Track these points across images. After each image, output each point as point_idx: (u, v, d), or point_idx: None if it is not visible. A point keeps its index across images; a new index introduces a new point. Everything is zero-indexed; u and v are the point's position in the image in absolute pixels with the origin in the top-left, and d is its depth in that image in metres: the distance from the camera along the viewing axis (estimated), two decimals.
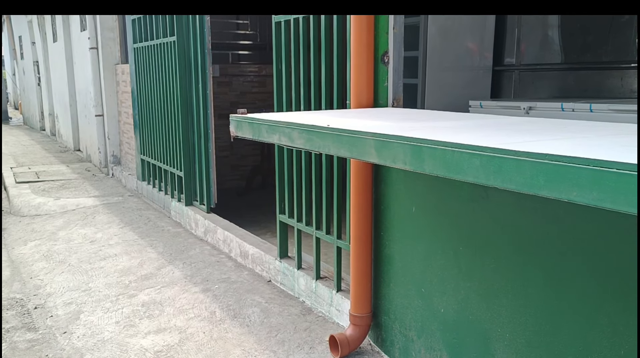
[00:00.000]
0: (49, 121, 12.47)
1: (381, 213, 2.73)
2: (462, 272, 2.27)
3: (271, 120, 1.88)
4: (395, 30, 2.55)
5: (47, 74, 11.82)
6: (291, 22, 3.28)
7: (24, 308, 3.49)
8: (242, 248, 4.18)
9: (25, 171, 8.07)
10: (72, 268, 4.18)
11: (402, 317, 2.67)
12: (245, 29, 7.81)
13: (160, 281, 3.87)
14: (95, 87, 7.66)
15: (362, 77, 2.64)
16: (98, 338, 3.06)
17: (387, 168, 2.65)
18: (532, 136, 1.35)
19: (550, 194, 1.01)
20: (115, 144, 7.70)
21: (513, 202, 2.01)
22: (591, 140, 1.27)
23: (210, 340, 3.02)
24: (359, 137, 1.49)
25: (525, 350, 2.01)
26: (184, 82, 5.00)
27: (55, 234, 5.08)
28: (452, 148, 1.20)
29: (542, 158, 1.02)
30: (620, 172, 0.90)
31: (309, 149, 1.73)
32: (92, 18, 7.40)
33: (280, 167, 3.59)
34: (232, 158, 6.84)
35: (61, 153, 10.11)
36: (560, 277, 1.86)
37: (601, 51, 3.25)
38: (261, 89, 6.87)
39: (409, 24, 2.85)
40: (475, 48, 3.48)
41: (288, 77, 3.42)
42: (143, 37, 5.79)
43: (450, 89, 3.33)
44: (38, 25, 11.73)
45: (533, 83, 3.62)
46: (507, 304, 2.07)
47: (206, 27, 4.56)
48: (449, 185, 2.29)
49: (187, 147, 5.12)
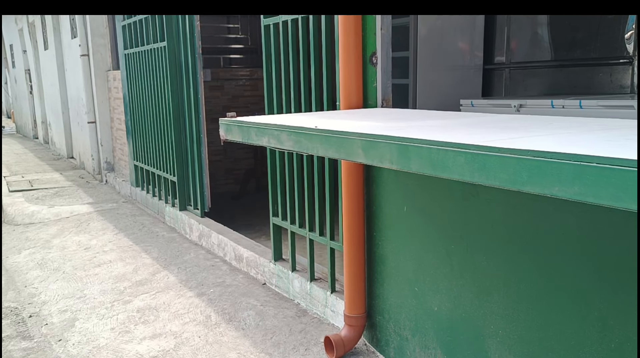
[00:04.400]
0: (41, 128, 12.44)
1: (373, 213, 2.74)
2: (455, 270, 2.28)
3: (260, 123, 1.89)
4: (382, 31, 2.56)
5: (38, 82, 11.79)
6: (280, 25, 3.29)
7: (18, 317, 3.48)
8: (237, 251, 4.18)
9: (19, 180, 8.05)
10: (66, 275, 4.17)
11: (397, 317, 2.67)
12: (236, 33, 7.82)
13: (155, 287, 3.86)
14: (87, 94, 7.65)
15: (351, 78, 2.65)
16: (93, 345, 3.06)
17: (377, 169, 2.66)
18: (517, 133, 1.36)
19: (533, 190, 1.02)
20: (108, 151, 7.69)
21: (503, 200, 2.02)
22: (575, 136, 1.28)
23: (205, 344, 3.02)
24: (346, 138, 1.49)
25: (518, 345, 2.02)
26: (176, 87, 5.00)
27: (50, 242, 5.07)
28: (437, 146, 1.21)
29: (524, 154, 1.03)
30: (600, 166, 0.91)
31: (297, 151, 1.74)
32: (82, 25, 7.40)
33: (273, 170, 3.59)
34: (226, 162, 6.84)
35: (54, 160, 10.08)
36: (550, 273, 1.87)
37: (590, 48, 3.26)
38: (253, 93, 6.87)
39: (399, 24, 2.86)
40: (465, 47, 3.49)
41: (278, 80, 3.43)
42: (134, 43, 5.79)
43: (442, 89, 3.34)
44: (29, 33, 11.71)
45: (523, 81, 3.64)
46: (499, 301, 2.08)
47: (196, 31, 4.57)
48: (440, 184, 2.30)
49: (180, 152, 5.12)
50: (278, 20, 3.30)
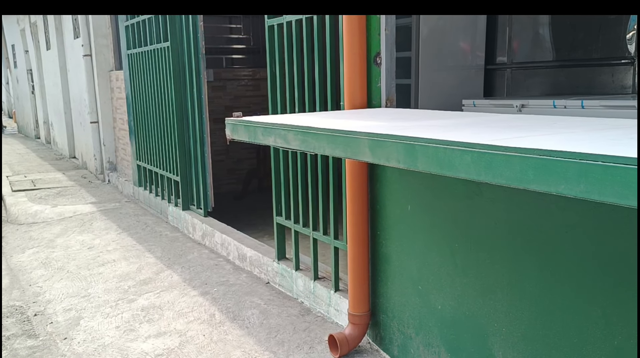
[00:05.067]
0: (43, 129, 12.47)
1: (377, 212, 2.76)
2: (458, 269, 2.30)
3: (266, 122, 1.91)
4: (386, 31, 2.58)
5: (41, 82, 11.82)
6: (284, 25, 3.32)
7: (23, 316, 3.50)
8: (240, 251, 4.20)
9: (22, 180, 8.07)
10: (70, 274, 4.19)
11: (400, 315, 2.69)
12: (239, 33, 7.84)
13: (159, 286, 3.89)
14: (89, 94, 7.67)
15: (355, 78, 2.67)
16: (99, 344, 3.08)
17: (382, 168, 2.68)
18: (522, 132, 1.38)
19: (539, 188, 1.04)
20: (111, 151, 7.71)
21: (506, 198, 2.04)
22: (579, 135, 1.30)
23: (210, 342, 3.04)
24: (353, 137, 1.51)
25: (521, 343, 2.04)
26: (179, 88, 5.02)
27: (53, 241, 5.09)
28: (444, 145, 1.23)
29: (530, 153, 1.05)
30: (605, 164, 0.93)
31: (304, 150, 1.76)
32: (85, 25, 7.42)
33: (276, 169, 3.61)
34: (228, 162, 6.86)
35: (57, 160, 10.10)
36: (554, 271, 1.89)
37: (592, 48, 3.28)
38: (255, 93, 6.89)
39: (401, 24, 2.88)
40: (467, 47, 3.51)
41: (282, 80, 3.45)
42: (137, 44, 5.81)
43: (443, 89, 3.35)
44: (31, 33, 11.73)
45: (525, 81, 3.65)
46: (502, 299, 2.10)
47: (199, 32, 4.59)
48: (443, 183, 2.32)
49: (183, 152, 5.14)
50: (282, 21, 3.32)
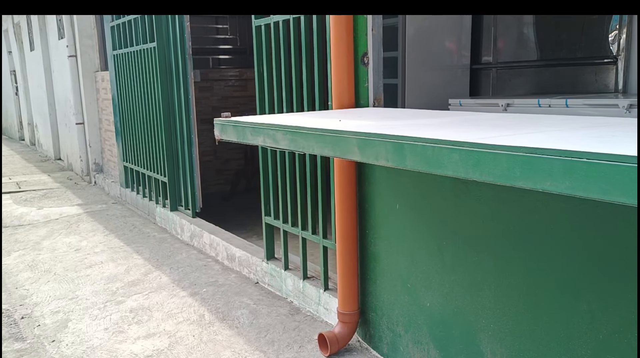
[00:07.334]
0: (28, 130, 12.34)
1: (366, 211, 2.77)
2: (446, 266, 2.32)
3: (255, 122, 1.92)
4: (374, 31, 2.60)
5: (24, 84, 11.70)
6: (271, 25, 3.32)
7: (10, 319, 3.47)
8: (229, 251, 4.20)
9: (6, 182, 7.99)
10: (57, 277, 4.16)
11: (389, 313, 2.71)
12: (225, 34, 7.82)
13: (148, 287, 3.87)
14: (75, 95, 7.61)
15: (343, 78, 2.68)
16: (87, 346, 3.06)
17: (370, 167, 2.70)
18: (508, 131, 1.41)
19: (525, 185, 1.06)
20: (97, 152, 7.66)
21: (493, 196, 2.07)
22: (563, 133, 1.32)
23: (200, 343, 3.04)
24: (342, 136, 1.53)
25: (509, 339, 2.07)
26: (166, 88, 5.00)
27: (39, 243, 5.05)
28: (432, 143, 1.25)
29: (517, 151, 1.07)
30: (590, 161, 0.95)
31: (293, 150, 1.77)
32: (70, 26, 7.36)
33: (265, 169, 3.62)
34: (216, 163, 6.84)
35: (42, 162, 10.01)
36: (540, 267, 1.92)
37: (575, 48, 3.33)
38: (243, 93, 6.89)
39: (387, 24, 2.90)
40: (453, 47, 3.54)
41: (270, 80, 3.46)
42: (123, 44, 5.78)
43: (430, 88, 3.38)
44: (14, 34, 11.61)
45: (510, 80, 3.69)
46: (490, 295, 2.13)
47: (186, 32, 4.58)
48: (431, 181, 2.34)
49: (171, 153, 5.12)
50: (269, 21, 3.33)
